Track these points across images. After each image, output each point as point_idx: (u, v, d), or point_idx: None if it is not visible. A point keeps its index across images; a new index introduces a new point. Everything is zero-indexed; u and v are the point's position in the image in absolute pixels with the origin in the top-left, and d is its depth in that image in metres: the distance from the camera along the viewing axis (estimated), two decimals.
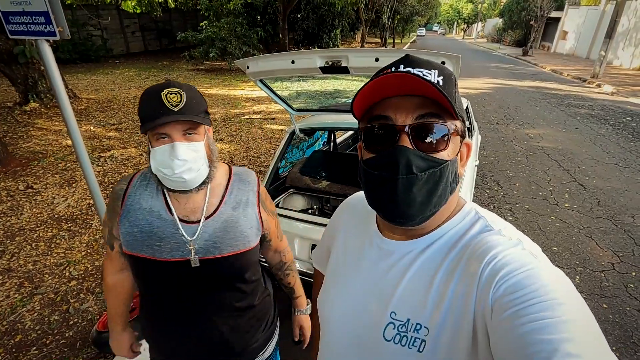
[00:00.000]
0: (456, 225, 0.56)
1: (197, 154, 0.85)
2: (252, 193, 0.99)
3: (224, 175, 0.99)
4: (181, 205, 0.92)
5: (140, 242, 0.89)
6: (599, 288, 2.68)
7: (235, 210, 0.95)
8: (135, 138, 5.41)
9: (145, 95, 0.83)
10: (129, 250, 0.91)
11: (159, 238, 0.89)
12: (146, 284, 0.98)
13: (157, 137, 0.83)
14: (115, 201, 0.93)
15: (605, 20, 16.50)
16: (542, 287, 0.42)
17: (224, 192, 0.96)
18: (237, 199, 0.97)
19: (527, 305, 0.41)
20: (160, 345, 1.05)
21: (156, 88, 0.82)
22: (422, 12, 30.05)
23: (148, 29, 18.05)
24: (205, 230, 0.91)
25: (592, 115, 7.93)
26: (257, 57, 1.83)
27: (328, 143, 3.65)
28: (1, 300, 2.33)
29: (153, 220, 0.90)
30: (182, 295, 0.95)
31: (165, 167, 0.82)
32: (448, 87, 0.50)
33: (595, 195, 4.17)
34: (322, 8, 16.89)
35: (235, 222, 0.94)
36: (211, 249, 0.91)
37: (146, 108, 0.81)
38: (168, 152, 0.82)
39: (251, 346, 1.07)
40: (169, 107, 0.80)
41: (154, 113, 0.80)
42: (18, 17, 1.64)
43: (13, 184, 3.82)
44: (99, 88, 9.05)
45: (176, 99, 0.81)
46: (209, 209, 0.93)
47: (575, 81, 13.06)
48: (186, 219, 0.91)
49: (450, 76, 0.52)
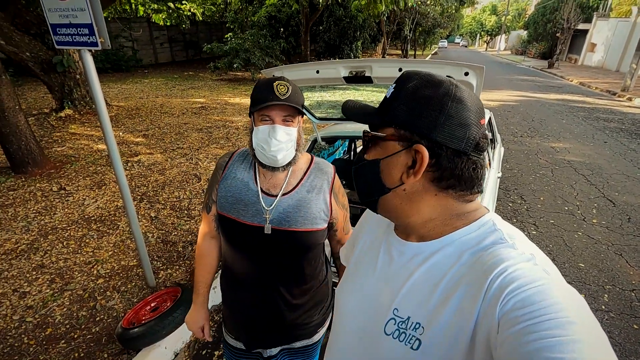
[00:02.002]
0: (470, 233, 0.57)
1: (289, 137, 1.00)
2: (327, 182, 1.12)
3: (306, 162, 1.14)
4: (266, 180, 1.08)
5: (230, 204, 1.07)
6: (629, 308, 2.56)
7: (309, 193, 1.09)
8: (161, 144, 5.61)
9: (260, 83, 1.00)
10: (221, 211, 1.09)
11: (244, 204, 1.07)
12: (230, 242, 1.12)
13: (262, 117, 0.99)
14: (218, 170, 1.13)
15: (637, 32, 15.99)
16: (554, 304, 0.41)
17: (303, 176, 1.11)
18: (312, 184, 1.10)
19: (536, 322, 0.40)
20: (233, 308, 1.20)
21: (269, 79, 0.99)
22: (444, 25, 29.90)
23: (176, 41, 18.77)
24: (280, 204, 1.06)
25: (622, 129, 7.64)
26: (283, 66, 1.89)
27: (348, 152, 3.68)
28: (34, 294, 2.45)
29: (242, 188, 1.08)
30: (254, 258, 1.10)
31: (264, 142, 0.98)
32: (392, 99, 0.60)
33: (625, 211, 4.01)
34: (344, 20, 17.10)
35: (307, 203, 1.07)
36: (283, 222, 1.05)
37: (259, 93, 0.97)
38: (268, 131, 0.98)
39: (303, 325, 1.19)
40: (277, 94, 0.95)
41: (264, 98, 0.96)
42: (65, 29, 1.77)
43: (47, 185, 4.03)
44: (128, 96, 9.45)
45: (283, 89, 0.96)
46: (287, 187, 1.08)
47: (605, 94, 12.64)
48: (267, 192, 1.08)
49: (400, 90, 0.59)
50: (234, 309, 1.20)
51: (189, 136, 6.06)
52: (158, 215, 3.52)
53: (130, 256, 2.89)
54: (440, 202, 0.59)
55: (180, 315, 2.06)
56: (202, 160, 4.96)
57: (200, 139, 5.92)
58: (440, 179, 0.56)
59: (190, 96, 9.75)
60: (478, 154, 0.57)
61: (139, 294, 2.49)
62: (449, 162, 0.55)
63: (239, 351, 1.24)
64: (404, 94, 0.58)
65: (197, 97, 9.69)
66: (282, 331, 1.17)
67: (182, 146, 5.54)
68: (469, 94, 0.57)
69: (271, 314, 1.13)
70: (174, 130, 6.36)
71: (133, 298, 2.45)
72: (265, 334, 1.17)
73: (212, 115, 7.60)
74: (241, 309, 1.17)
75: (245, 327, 1.18)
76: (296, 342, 1.22)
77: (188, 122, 6.93)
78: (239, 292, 1.17)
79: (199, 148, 5.48)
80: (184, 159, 5.01)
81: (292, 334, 1.19)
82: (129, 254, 2.91)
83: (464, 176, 0.56)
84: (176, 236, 3.18)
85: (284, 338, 1.19)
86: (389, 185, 0.60)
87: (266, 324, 1.15)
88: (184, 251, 2.98)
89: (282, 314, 1.13)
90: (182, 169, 4.63)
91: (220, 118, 7.41)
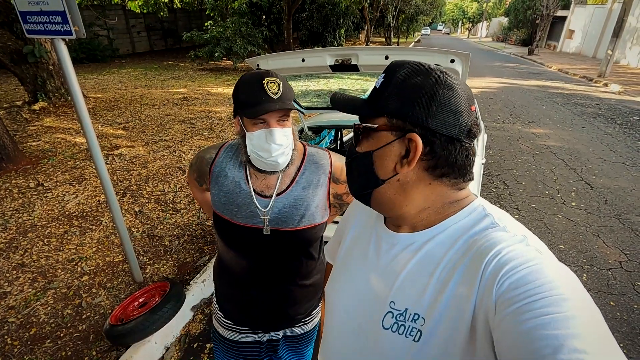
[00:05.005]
0: (461, 219, 0.57)
1: (288, 139, 0.94)
2: (324, 175, 1.05)
3: (299, 157, 1.06)
4: (258, 180, 1.03)
5: (223, 204, 1.02)
6: (606, 286, 2.68)
7: (305, 190, 1.03)
8: (142, 137, 5.46)
9: (246, 82, 0.90)
10: (216, 209, 1.05)
11: (237, 205, 1.01)
12: (225, 242, 1.08)
13: (255, 121, 0.91)
14: (204, 166, 1.06)
15: (613, 19, 16.34)
16: (547, 282, 0.42)
17: (296, 173, 1.04)
18: (308, 179, 1.04)
19: (531, 301, 0.41)
20: (228, 305, 1.18)
21: (256, 76, 0.88)
22: (427, 12, 29.92)
23: (154, 29, 18.14)
24: (276, 205, 1.01)
25: (599, 114, 7.88)
26: (267, 55, 1.85)
27: (335, 141, 3.67)
28: (16, 294, 2.38)
29: (234, 189, 1.02)
30: (251, 257, 1.07)
31: (262, 150, 0.91)
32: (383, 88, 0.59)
33: (602, 194, 4.16)
34: (326, 7, 16.88)
35: (303, 200, 1.02)
36: (280, 222, 1.01)
37: (248, 93, 0.89)
38: (265, 136, 0.90)
39: (302, 313, 1.19)
40: (270, 95, 0.87)
41: (256, 99, 0.87)
42: (35, 17, 1.68)
43: (24, 181, 3.88)
44: (105, 87, 9.12)
45: (275, 88, 0.88)
46: (281, 187, 1.02)
47: (582, 80, 12.96)
48: (261, 193, 1.02)
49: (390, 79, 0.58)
50: (233, 301, 1.19)
51: (171, 128, 5.92)
52: (142, 209, 3.44)
53: (115, 252, 2.83)
54: (434, 191, 0.59)
55: (170, 310, 2.04)
56: (186, 153, 4.86)
57: (183, 131, 5.79)
58: (435, 167, 0.56)
59: (171, 86, 9.49)
60: (470, 141, 0.57)
61: (126, 290, 2.45)
62: (443, 150, 0.55)
63: (233, 343, 1.22)
64: (395, 83, 0.57)
65: (178, 87, 9.44)
66: (283, 319, 1.17)
67: (165, 138, 5.41)
68: (459, 81, 0.57)
69: (271, 308, 1.13)
70: (155, 122, 6.20)
71: (120, 294, 2.41)
72: (267, 322, 1.17)
73: (194, 106, 7.43)
74: (240, 302, 1.16)
75: (247, 313, 1.17)
76: (296, 327, 1.22)
77: (170, 114, 6.76)
78: (237, 288, 1.15)
79: (182, 140, 5.37)
80: (167, 151, 4.90)
81: (294, 319, 1.19)
82: (114, 250, 2.85)
83: (458, 163, 0.56)
84: (162, 230, 3.13)
85: (285, 323, 1.19)
86: (382, 176, 0.59)
87: (267, 314, 1.15)
88: (170, 245, 2.93)
89: (281, 306, 1.13)
90: (165, 162, 4.53)
91: (202, 109, 7.25)
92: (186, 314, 2.31)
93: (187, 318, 2.32)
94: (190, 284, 2.45)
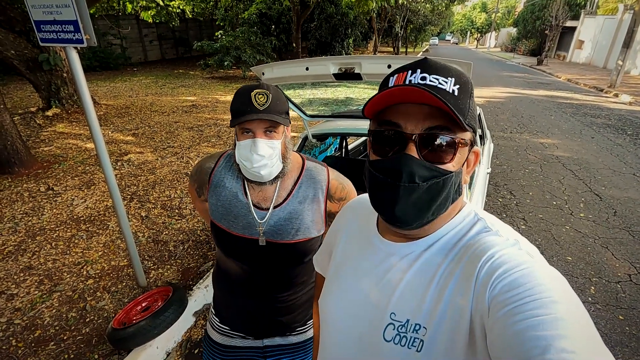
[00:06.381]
0: (455, 227, 0.57)
1: (273, 151, 0.94)
2: (321, 191, 1.06)
3: (297, 170, 1.07)
4: (255, 192, 1.04)
5: (221, 214, 1.04)
6: (614, 299, 2.62)
7: (301, 204, 1.04)
8: (151, 143, 5.55)
9: (239, 93, 0.93)
10: (213, 219, 1.06)
11: (234, 215, 1.03)
12: (222, 250, 1.10)
13: (243, 131, 0.94)
14: (203, 176, 1.07)
15: (623, 30, 16.25)
16: (538, 285, 0.43)
17: (293, 187, 1.05)
18: (304, 194, 1.05)
19: (522, 303, 0.42)
20: (225, 311, 1.20)
21: (248, 88, 0.92)
22: (435, 22, 30.05)
23: (165, 38, 18.55)
24: (272, 218, 1.03)
25: (609, 125, 7.78)
26: (272, 63, 1.88)
27: (340, 149, 3.68)
28: (22, 296, 2.41)
29: (232, 199, 1.04)
30: (248, 266, 1.08)
31: (246, 159, 0.93)
32: (463, 96, 0.51)
33: (611, 205, 4.09)
34: (335, 17, 17.08)
35: (299, 214, 1.04)
36: (275, 235, 1.03)
37: (237, 104, 0.92)
38: (249, 146, 0.92)
39: (298, 321, 1.19)
40: (256, 105, 0.89)
41: (242, 109, 0.90)
42: (49, 26, 1.74)
43: (35, 185, 3.96)
44: (117, 95, 9.32)
45: (262, 99, 0.90)
46: (277, 200, 1.04)
47: (592, 91, 12.84)
48: (258, 205, 1.04)
49: (466, 84, 0.52)
50: (230, 307, 1.20)
51: (180, 135, 6.01)
52: (149, 214, 3.49)
53: (121, 256, 2.86)
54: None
55: (172, 315, 2.05)
56: (193, 159, 4.92)
57: (191, 138, 5.87)
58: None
59: (181, 94, 9.65)
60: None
61: (130, 294, 2.47)
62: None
63: (225, 348, 1.22)
64: (466, 87, 0.52)
65: (187, 95, 9.60)
66: (278, 326, 1.17)
67: (173, 145, 5.49)
68: None
69: (267, 316, 1.14)
70: (164, 129, 6.30)
71: (124, 298, 2.43)
72: (262, 329, 1.17)
73: (202, 114, 7.54)
74: (236, 307, 1.17)
75: (243, 319, 1.17)
76: (292, 335, 1.21)
77: (179, 121, 6.87)
78: (233, 296, 1.16)
79: (189, 147, 5.44)
80: (175, 157, 4.97)
81: (289, 327, 1.19)
82: (119, 254, 2.88)
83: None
84: (167, 235, 3.16)
85: (280, 330, 1.19)
86: (459, 194, 0.57)
87: (262, 321, 1.15)
88: (175, 250, 2.96)
89: (276, 315, 1.13)
90: (172, 168, 4.59)
91: (211, 116, 7.35)
92: (188, 319, 2.32)
93: (189, 323, 2.33)
94: (193, 289, 2.46)
